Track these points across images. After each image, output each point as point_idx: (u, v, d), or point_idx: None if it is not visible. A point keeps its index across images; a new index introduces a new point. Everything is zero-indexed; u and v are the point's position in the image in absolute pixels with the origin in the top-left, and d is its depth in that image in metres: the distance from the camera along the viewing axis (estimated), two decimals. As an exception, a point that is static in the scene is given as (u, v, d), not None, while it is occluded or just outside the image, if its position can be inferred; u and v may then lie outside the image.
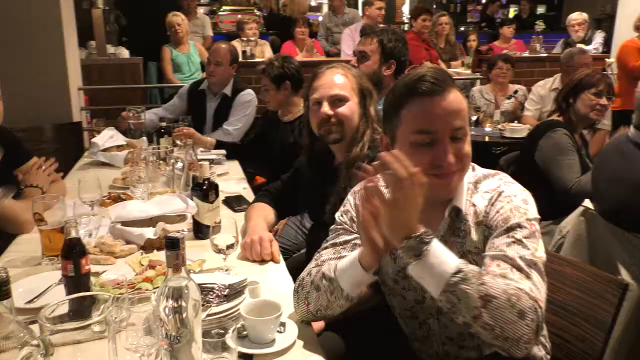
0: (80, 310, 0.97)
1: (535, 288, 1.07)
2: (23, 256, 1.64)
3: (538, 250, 1.13)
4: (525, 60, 5.58)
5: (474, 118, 4.07)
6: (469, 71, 5.60)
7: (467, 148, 1.20)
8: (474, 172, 1.28)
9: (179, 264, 0.93)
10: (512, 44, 6.32)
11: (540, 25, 7.29)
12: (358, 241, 1.33)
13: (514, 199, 1.18)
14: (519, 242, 1.12)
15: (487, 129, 4.03)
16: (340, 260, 1.24)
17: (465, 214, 1.23)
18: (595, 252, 1.90)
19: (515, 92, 4.40)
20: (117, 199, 2.07)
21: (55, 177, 2.14)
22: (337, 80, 1.77)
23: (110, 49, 5.38)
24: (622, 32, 5.08)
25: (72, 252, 1.27)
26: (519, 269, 1.08)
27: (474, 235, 1.21)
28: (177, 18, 5.12)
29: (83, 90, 4.26)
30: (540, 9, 10.14)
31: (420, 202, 1.06)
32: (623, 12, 5.37)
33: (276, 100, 2.95)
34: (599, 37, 6.03)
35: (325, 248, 1.35)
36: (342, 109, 1.75)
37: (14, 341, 0.84)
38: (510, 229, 1.14)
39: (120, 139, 2.91)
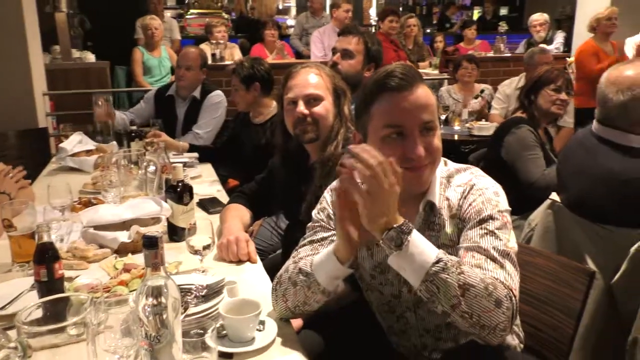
0: (56, 313, 0.95)
1: (509, 277, 1.10)
2: (-9, 264, 1.60)
3: (510, 240, 1.16)
4: (490, 60, 5.72)
5: (443, 117, 4.14)
6: (436, 71, 5.70)
7: (437, 142, 1.23)
8: (446, 167, 1.31)
9: (157, 263, 0.92)
10: (476, 44, 6.46)
11: (503, 27, 7.48)
12: (335, 238, 1.34)
13: (485, 192, 1.21)
14: (491, 233, 1.15)
15: (456, 127, 4.11)
16: (317, 255, 1.25)
17: (439, 208, 1.25)
18: (563, 243, 1.95)
19: (482, 91, 4.50)
20: (88, 204, 2.03)
21: (23, 183, 2.09)
22: (311, 80, 1.78)
23: (76, 53, 5.27)
24: (581, 32, 5.25)
25: (45, 256, 1.24)
26: (493, 259, 1.11)
27: (448, 229, 1.24)
28: (154, 22, 5.08)
29: (48, 96, 4.16)
30: (503, 11, 10.37)
31: (397, 191, 1.08)
32: (582, 12, 5.55)
33: (245, 101, 2.95)
34: (559, 37, 6.22)
35: (303, 245, 1.36)
36: (318, 109, 1.76)
37: (-11, 346, 0.82)
38: (483, 221, 1.17)
39: (90, 144, 2.85)
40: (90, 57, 5.32)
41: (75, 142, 2.81)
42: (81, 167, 2.68)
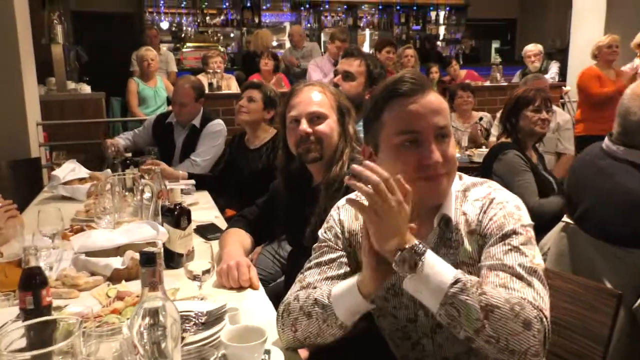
0: (42, 341, 0.85)
1: (539, 296, 1.01)
2: (-25, 293, 1.49)
3: (536, 257, 1.08)
4: (487, 89, 5.75)
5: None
6: (433, 101, 5.69)
7: (452, 150, 1.17)
8: (461, 180, 1.25)
9: (155, 282, 0.83)
10: (462, 76, 6.52)
11: (496, 58, 7.59)
12: (344, 259, 1.25)
13: (506, 205, 1.14)
14: (516, 249, 1.07)
15: (457, 155, 4.06)
16: (335, 286, 1.15)
17: (456, 224, 1.17)
18: (578, 267, 1.87)
19: (480, 119, 4.50)
20: (79, 232, 1.93)
21: (13, 212, 2.00)
22: (315, 98, 1.71)
23: (71, 84, 5.25)
24: (576, 63, 5.38)
25: (32, 282, 1.15)
26: (519, 277, 1.03)
27: (467, 246, 1.15)
28: (150, 53, 5.11)
29: (42, 127, 4.10)
30: (495, 44, 10.60)
31: (407, 210, 1.01)
32: (575, 44, 5.75)
33: (254, 116, 2.88)
34: (554, 67, 6.27)
35: (309, 268, 1.27)
36: (322, 127, 1.69)
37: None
38: (505, 236, 1.09)
39: (83, 172, 2.77)
40: (86, 89, 5.29)
41: (68, 170, 2.73)
42: (73, 196, 2.60)
